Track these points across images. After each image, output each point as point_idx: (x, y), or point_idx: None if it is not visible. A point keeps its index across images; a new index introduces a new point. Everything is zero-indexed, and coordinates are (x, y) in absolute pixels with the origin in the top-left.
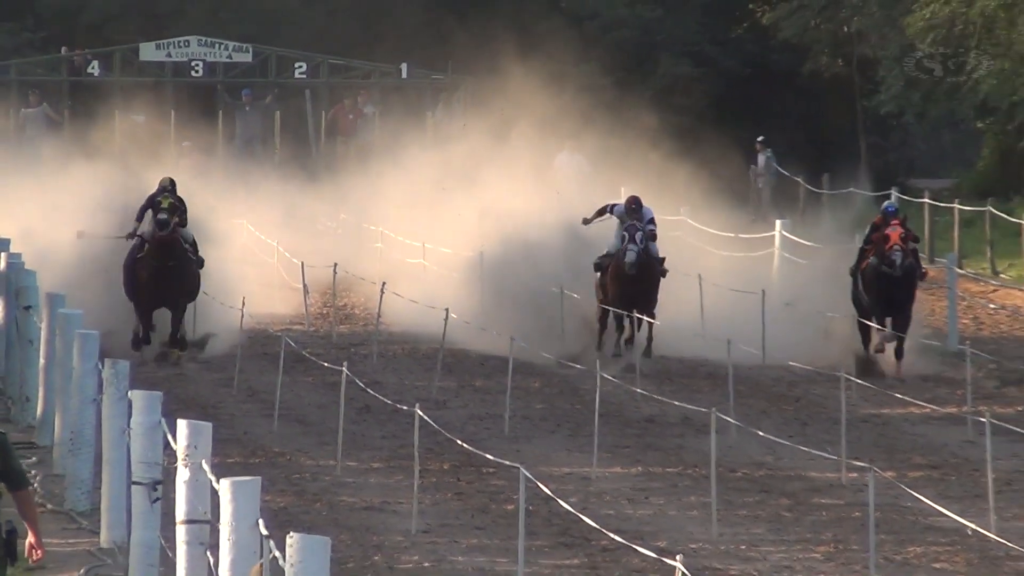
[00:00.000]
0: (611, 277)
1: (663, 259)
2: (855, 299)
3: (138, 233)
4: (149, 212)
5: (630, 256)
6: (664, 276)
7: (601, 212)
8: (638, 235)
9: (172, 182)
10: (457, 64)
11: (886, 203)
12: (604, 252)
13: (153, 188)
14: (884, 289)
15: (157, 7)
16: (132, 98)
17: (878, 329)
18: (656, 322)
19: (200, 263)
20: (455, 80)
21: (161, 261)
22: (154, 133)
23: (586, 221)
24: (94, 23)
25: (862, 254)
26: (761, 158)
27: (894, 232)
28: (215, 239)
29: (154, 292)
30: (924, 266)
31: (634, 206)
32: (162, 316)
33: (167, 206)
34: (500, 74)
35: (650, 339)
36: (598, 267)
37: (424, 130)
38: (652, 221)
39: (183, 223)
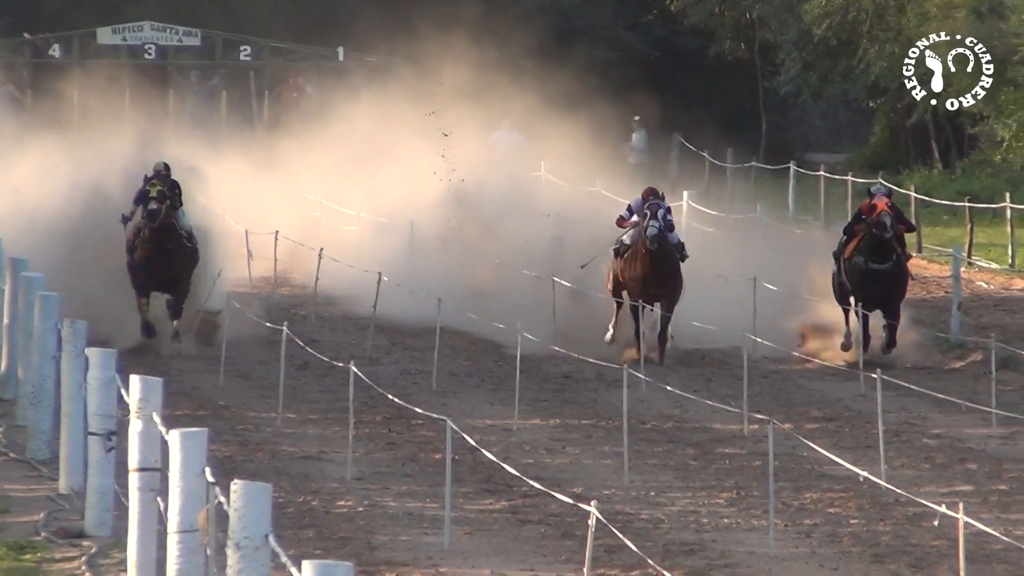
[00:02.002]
0: (630, 259)
1: (683, 244)
2: (837, 285)
3: (131, 221)
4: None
5: (651, 230)
6: (683, 260)
7: (623, 220)
8: (659, 212)
9: (166, 166)
10: (389, 47)
11: (874, 187)
12: (621, 241)
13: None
14: (872, 283)
15: None
16: (90, 79)
17: (856, 315)
18: (670, 315)
19: (194, 253)
20: (387, 62)
21: (158, 244)
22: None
23: (620, 222)
24: (55, 9)
25: (848, 239)
26: (635, 136)
27: (881, 201)
28: None
29: (153, 273)
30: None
31: (652, 197)
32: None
33: (155, 194)
34: (430, 56)
35: (664, 337)
36: (616, 252)
37: (360, 108)
38: (669, 211)
39: (176, 205)
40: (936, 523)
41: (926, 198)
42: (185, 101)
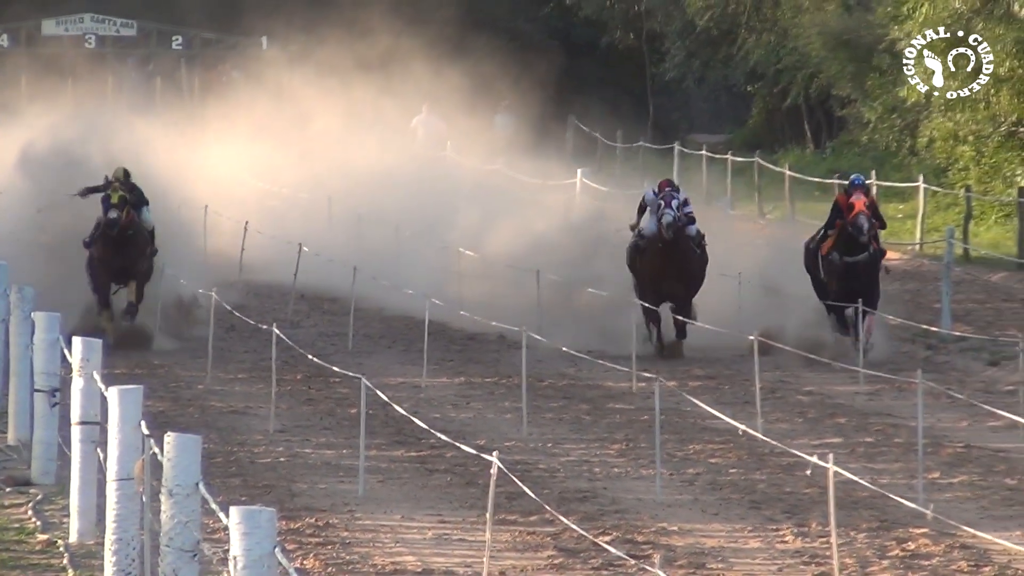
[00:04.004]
0: (648, 255)
1: (702, 235)
2: (813, 277)
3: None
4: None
5: (666, 218)
6: (704, 255)
7: (641, 210)
8: (674, 202)
9: (126, 172)
10: (308, 37)
11: (854, 176)
12: (639, 235)
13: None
14: (847, 277)
15: None
16: (36, 66)
17: (843, 310)
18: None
19: (153, 251)
20: (306, 50)
21: (119, 235)
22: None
23: (633, 227)
24: (2, 2)
25: (825, 235)
26: (498, 118)
27: (859, 200)
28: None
29: (111, 265)
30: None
31: (668, 188)
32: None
33: (116, 201)
34: (344, 45)
35: (682, 334)
36: (635, 246)
37: (281, 91)
38: (687, 203)
39: (139, 203)
40: (808, 472)
41: (799, 175)
42: (123, 86)
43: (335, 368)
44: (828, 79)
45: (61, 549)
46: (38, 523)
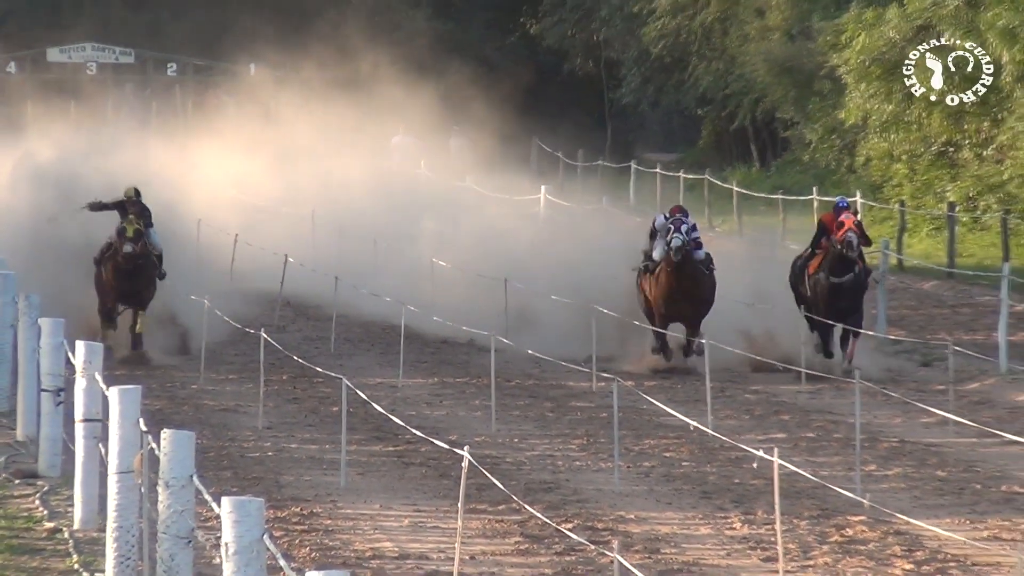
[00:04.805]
0: (658, 275)
1: (710, 257)
2: (796, 295)
3: (107, 238)
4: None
5: (676, 242)
6: (712, 272)
7: (652, 234)
8: (683, 227)
9: (137, 192)
10: (292, 64)
11: (839, 199)
12: (650, 257)
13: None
14: (833, 297)
15: (61, 20)
16: (42, 90)
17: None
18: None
19: (161, 275)
20: (290, 76)
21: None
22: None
23: (646, 253)
24: (11, 32)
25: (812, 254)
26: (452, 142)
27: (848, 219)
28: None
29: (120, 289)
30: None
31: (678, 214)
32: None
33: (132, 234)
34: (326, 71)
35: (700, 350)
36: (646, 268)
37: (269, 114)
38: (695, 228)
39: (148, 224)
40: (755, 465)
41: (746, 191)
42: (122, 109)
43: (318, 369)
44: (772, 103)
45: (66, 536)
46: (45, 512)
